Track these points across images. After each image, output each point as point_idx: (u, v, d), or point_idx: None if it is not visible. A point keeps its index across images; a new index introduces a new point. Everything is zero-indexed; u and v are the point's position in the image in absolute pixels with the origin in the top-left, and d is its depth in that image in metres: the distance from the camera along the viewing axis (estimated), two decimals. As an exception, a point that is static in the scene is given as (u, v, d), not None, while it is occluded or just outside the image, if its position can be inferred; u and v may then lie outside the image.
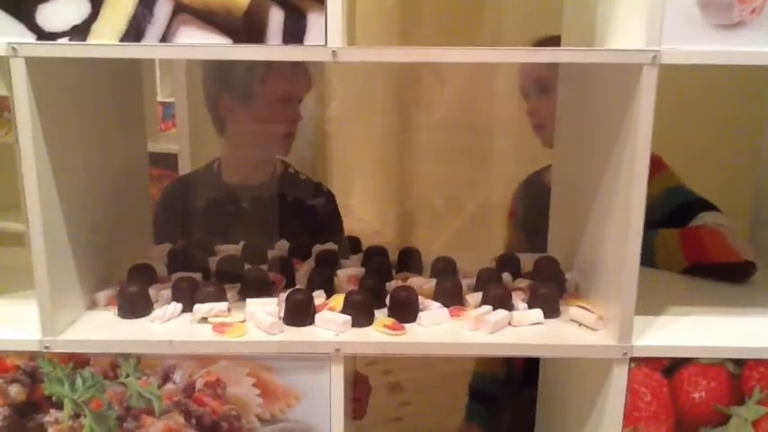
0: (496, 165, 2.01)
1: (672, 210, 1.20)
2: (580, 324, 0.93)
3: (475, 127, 2.12)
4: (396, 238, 2.31)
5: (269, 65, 1.42)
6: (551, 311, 0.95)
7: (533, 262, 1.10)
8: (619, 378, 0.88)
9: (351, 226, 1.68)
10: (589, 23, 0.98)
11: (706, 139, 1.68)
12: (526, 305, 0.96)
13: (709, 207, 1.19)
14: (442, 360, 0.91)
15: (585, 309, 0.95)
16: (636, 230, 0.83)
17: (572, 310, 0.95)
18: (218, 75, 1.48)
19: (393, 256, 1.15)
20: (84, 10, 0.79)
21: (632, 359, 0.87)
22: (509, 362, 1.50)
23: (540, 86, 1.41)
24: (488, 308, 0.93)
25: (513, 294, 0.98)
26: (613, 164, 0.89)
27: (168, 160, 2.25)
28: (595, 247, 0.97)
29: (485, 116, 2.09)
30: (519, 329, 0.92)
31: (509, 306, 0.95)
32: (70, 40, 0.80)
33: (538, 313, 0.94)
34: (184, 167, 2.12)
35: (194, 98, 2.03)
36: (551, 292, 0.97)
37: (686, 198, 1.22)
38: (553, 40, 1.30)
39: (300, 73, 1.47)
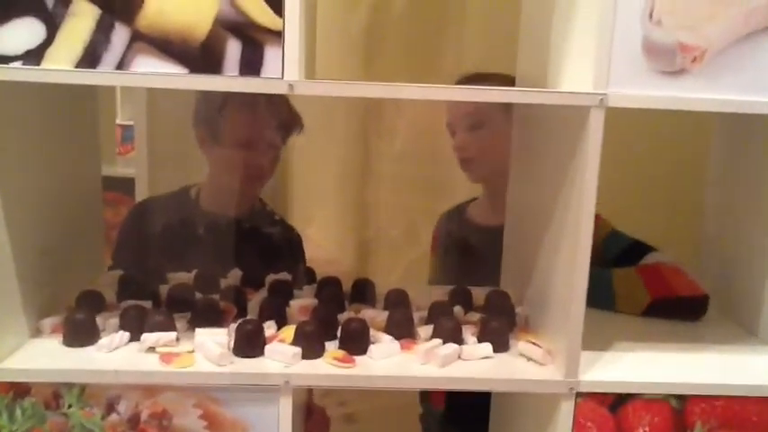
0: (454, 196, 2.03)
1: (617, 255, 1.21)
2: (529, 359, 0.94)
3: (433, 158, 2.14)
4: (353, 268, 2.31)
5: (232, 102, 1.41)
6: (501, 346, 0.96)
7: (485, 295, 1.11)
8: (565, 412, 0.90)
9: (310, 254, 1.67)
10: (542, 64, 1.01)
11: (651, 183, 1.73)
12: (476, 339, 0.97)
13: (651, 248, 1.21)
14: (395, 392, 0.91)
15: (534, 343, 0.96)
16: (583, 265, 0.85)
17: (521, 345, 0.96)
18: (199, 107, 1.47)
19: (348, 286, 1.15)
20: (38, 34, 0.79)
21: (578, 394, 0.89)
22: (452, 396, 1.49)
23: (469, 123, 1.43)
24: (438, 341, 0.94)
25: (464, 328, 0.99)
26: (562, 201, 0.91)
27: (125, 184, 2.22)
28: (545, 282, 0.99)
29: (443, 147, 2.11)
30: (468, 363, 0.93)
31: (459, 340, 0.96)
32: (23, 63, 0.79)
33: (487, 347, 0.95)
34: (141, 192, 2.09)
35: (154, 122, 2.01)
36: (501, 326, 0.98)
37: (627, 242, 1.23)
38: (480, 77, 1.34)
39: (282, 117, 1.46)
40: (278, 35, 0.80)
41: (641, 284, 1.14)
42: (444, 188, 2.02)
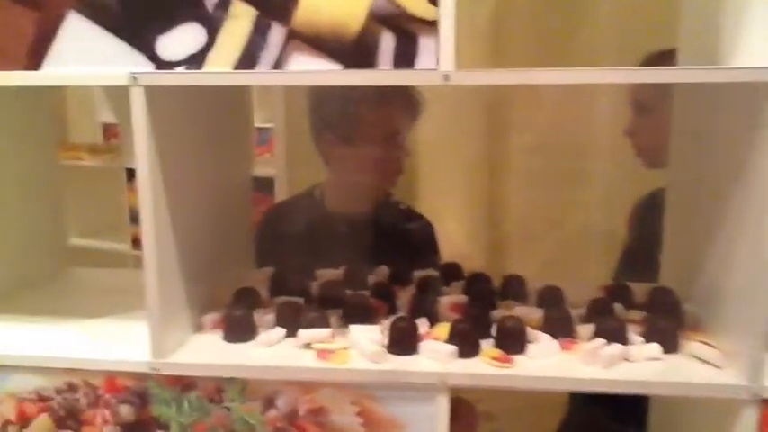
0: (594, 188, 1.94)
1: None
2: (702, 360, 0.87)
3: (571, 148, 2.05)
4: (486, 263, 2.26)
5: (370, 99, 1.41)
6: (670, 346, 0.90)
7: (646, 292, 1.04)
8: (747, 421, 0.82)
9: (441, 251, 1.65)
10: (711, 38, 0.93)
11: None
12: (642, 339, 0.91)
13: None
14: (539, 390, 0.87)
15: (707, 344, 0.89)
16: (768, 259, 0.77)
17: (692, 345, 0.89)
18: (320, 111, 1.48)
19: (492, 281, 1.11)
20: (200, 39, 0.81)
21: (764, 401, 0.81)
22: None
23: (639, 107, 1.35)
24: (602, 341, 0.89)
25: (628, 327, 0.93)
26: (740, 189, 0.83)
27: (264, 184, 2.29)
28: (718, 278, 0.91)
29: (582, 137, 2.02)
30: (635, 365, 0.87)
31: (624, 339, 0.90)
32: (187, 68, 0.82)
33: (656, 348, 0.88)
34: (281, 192, 2.15)
35: (292, 123, 2.06)
36: (670, 324, 0.91)
37: None
38: (663, 55, 1.24)
39: (402, 105, 1.45)
40: (432, 25, 0.78)
41: None
42: (583, 180, 1.93)
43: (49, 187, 1.26)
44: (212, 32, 0.81)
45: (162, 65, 0.82)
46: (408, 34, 0.79)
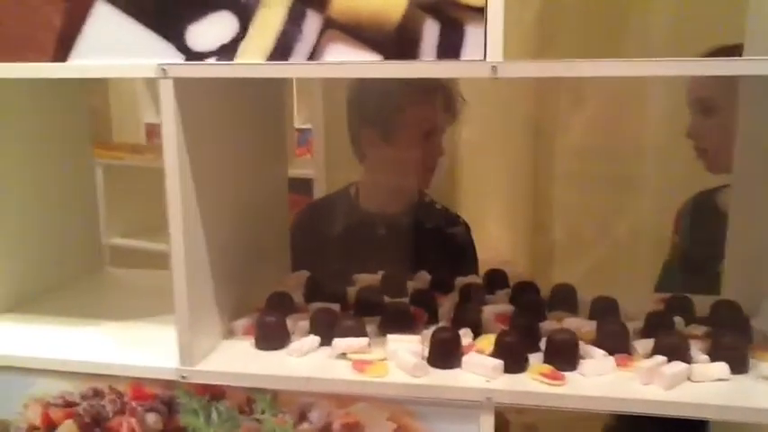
0: (646, 192, 1.85)
1: None
2: (775, 383, 0.79)
3: (620, 151, 1.97)
4: (531, 272, 2.19)
5: (409, 95, 1.37)
6: (738, 366, 0.82)
7: (709, 305, 0.96)
8: (825, 452, 0.74)
9: (483, 256, 1.59)
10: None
11: None
12: (706, 357, 0.83)
13: None
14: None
15: (780, 365, 0.81)
16: None
17: (763, 366, 0.81)
18: (358, 106, 1.45)
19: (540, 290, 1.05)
20: (232, 28, 0.76)
21: None
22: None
23: (703, 107, 1.27)
24: (663, 358, 0.81)
25: (690, 343, 0.85)
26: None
27: (303, 185, 2.26)
28: (792, 293, 0.83)
29: (631, 139, 1.94)
30: (700, 386, 0.79)
31: (686, 357, 0.82)
32: (218, 59, 0.77)
33: (722, 367, 0.81)
34: (319, 193, 2.11)
35: (331, 124, 2.03)
36: (738, 342, 0.83)
37: None
38: (727, 51, 1.16)
39: (441, 103, 1.41)
40: (480, 12, 0.72)
41: None
42: (635, 184, 1.85)
43: (85, 186, 1.24)
44: (245, 21, 0.76)
45: (192, 56, 0.77)
46: (454, 22, 0.73)
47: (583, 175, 2.10)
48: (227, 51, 0.77)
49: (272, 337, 0.90)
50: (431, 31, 0.73)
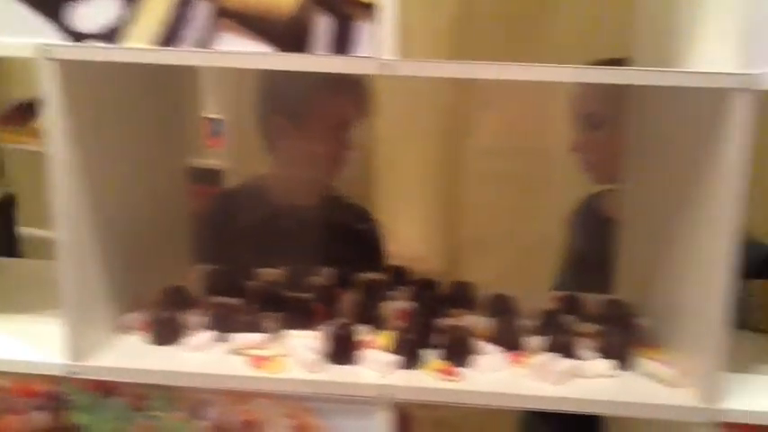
0: (551, 194, 1.90)
1: (753, 265, 1.06)
2: (657, 379, 0.83)
3: (526, 153, 2.02)
4: (442, 268, 2.21)
5: (322, 86, 1.36)
6: (623, 363, 0.86)
7: (600, 304, 1.00)
8: (701, 445, 0.78)
9: (397, 253, 1.60)
10: (665, 43, 0.90)
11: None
12: (594, 354, 0.87)
13: None
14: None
15: (662, 361, 0.85)
16: (727, 272, 0.73)
17: (647, 363, 0.85)
18: (269, 93, 1.43)
19: (437, 287, 1.06)
20: (119, 11, 0.73)
21: (721, 424, 0.77)
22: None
23: (590, 122, 1.31)
24: (553, 355, 0.84)
25: (579, 341, 0.88)
26: (697, 201, 0.79)
27: (214, 177, 2.21)
28: (674, 291, 0.87)
29: (541, 142, 1.99)
30: (587, 382, 0.83)
31: (575, 354, 0.85)
32: (104, 43, 0.74)
33: (608, 364, 0.84)
34: (229, 185, 2.07)
35: (243, 114, 1.99)
36: (623, 340, 0.87)
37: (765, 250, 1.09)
38: (615, 63, 1.21)
39: (354, 97, 1.41)
40: (371, 9, 0.72)
41: None
42: (542, 186, 1.90)
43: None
44: (130, 4, 0.73)
45: (77, 38, 0.74)
46: (347, 18, 0.73)
47: (493, 174, 2.14)
48: (112, 34, 0.74)
49: (166, 332, 0.88)
50: (323, 26, 0.73)
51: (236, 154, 2.08)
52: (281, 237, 1.43)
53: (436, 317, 0.95)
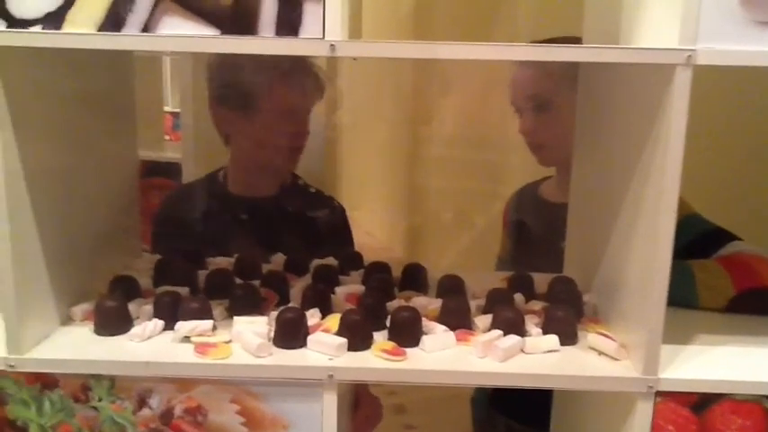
0: (507, 179, 1.92)
1: (691, 241, 1.08)
2: (600, 353, 0.84)
3: (485, 141, 2.04)
4: (403, 253, 2.23)
5: (270, 73, 1.34)
6: (568, 338, 0.87)
7: (547, 282, 1.01)
8: (642, 414, 0.79)
9: (359, 240, 1.60)
10: (613, 21, 0.90)
11: (738, 154, 1.57)
12: (540, 330, 0.87)
13: (734, 237, 1.08)
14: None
15: (605, 335, 0.86)
16: (665, 249, 0.75)
17: (590, 337, 0.86)
18: (217, 84, 1.40)
19: (398, 272, 1.06)
20: (59, -3, 0.72)
21: (658, 393, 0.78)
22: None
23: (536, 104, 1.31)
24: (499, 332, 0.85)
25: (526, 318, 0.89)
26: (639, 176, 0.80)
27: (174, 170, 2.19)
28: (617, 268, 0.89)
29: (495, 129, 2.01)
30: (532, 357, 0.83)
31: (522, 331, 0.86)
32: (43, 28, 0.73)
33: (553, 340, 0.85)
34: (189, 178, 2.06)
35: (202, 106, 1.98)
36: (568, 316, 0.88)
37: (706, 228, 1.10)
38: (566, 41, 1.21)
39: (304, 82, 1.39)
40: (318, -10, 0.72)
41: (724, 275, 1.01)
42: (498, 171, 1.91)
43: None
44: (72, -11, 0.72)
45: (14, 23, 0.72)
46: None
47: (453, 161, 2.15)
48: (53, 20, 0.73)
49: (111, 322, 0.87)
50: (269, 7, 0.72)
51: (194, 147, 2.07)
52: (240, 226, 1.42)
53: (387, 299, 0.96)
